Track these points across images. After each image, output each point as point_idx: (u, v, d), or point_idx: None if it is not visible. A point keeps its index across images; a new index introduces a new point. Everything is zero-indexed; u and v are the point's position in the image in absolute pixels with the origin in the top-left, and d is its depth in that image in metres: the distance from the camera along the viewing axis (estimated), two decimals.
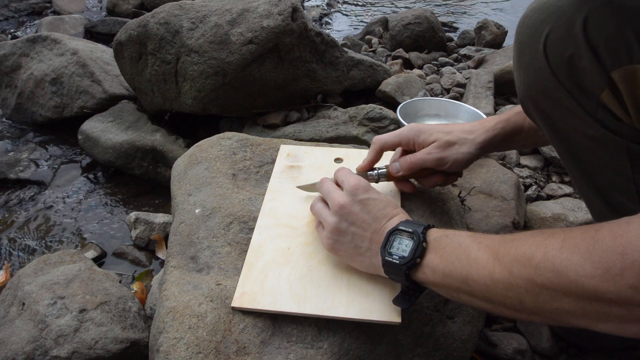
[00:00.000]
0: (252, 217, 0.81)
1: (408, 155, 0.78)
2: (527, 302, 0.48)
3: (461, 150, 0.76)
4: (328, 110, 1.49)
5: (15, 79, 1.86)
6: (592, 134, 0.59)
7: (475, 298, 0.54)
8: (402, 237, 0.61)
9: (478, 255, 0.53)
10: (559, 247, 0.46)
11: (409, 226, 0.61)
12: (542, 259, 0.46)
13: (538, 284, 0.46)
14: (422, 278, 0.59)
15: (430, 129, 0.78)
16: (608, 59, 0.53)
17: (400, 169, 0.77)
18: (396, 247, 0.61)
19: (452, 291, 0.57)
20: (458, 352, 0.73)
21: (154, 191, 1.50)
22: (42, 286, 0.92)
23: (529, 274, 0.47)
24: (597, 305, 0.43)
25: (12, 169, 1.58)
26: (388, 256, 0.60)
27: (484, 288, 0.52)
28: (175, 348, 0.64)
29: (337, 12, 3.11)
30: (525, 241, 0.50)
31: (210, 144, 0.97)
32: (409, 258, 0.58)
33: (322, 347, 0.65)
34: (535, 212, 1.18)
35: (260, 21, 1.34)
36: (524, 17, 0.61)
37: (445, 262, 0.56)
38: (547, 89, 0.60)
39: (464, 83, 1.81)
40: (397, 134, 0.79)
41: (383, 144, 0.79)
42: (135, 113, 1.63)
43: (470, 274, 0.53)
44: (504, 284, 0.50)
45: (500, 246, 0.52)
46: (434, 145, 0.76)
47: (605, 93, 0.55)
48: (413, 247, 0.59)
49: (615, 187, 0.63)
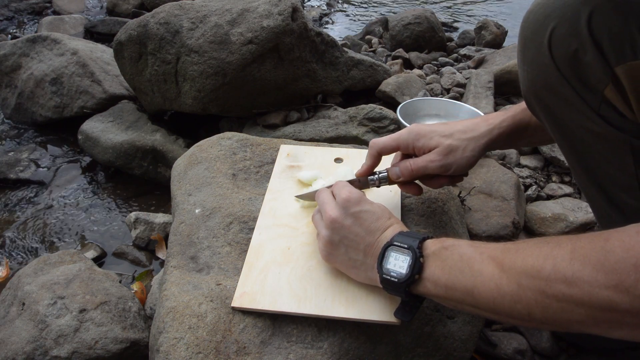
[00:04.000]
0: (252, 217, 0.81)
1: (408, 161, 0.75)
2: (536, 313, 0.48)
3: (465, 155, 0.73)
4: (328, 110, 1.49)
5: (15, 79, 1.86)
6: (596, 130, 0.59)
7: (480, 309, 0.54)
8: (397, 253, 0.60)
9: (482, 268, 0.52)
10: (569, 258, 0.45)
11: (404, 240, 0.60)
12: (552, 270, 0.46)
13: (549, 296, 0.46)
14: (423, 291, 0.58)
15: (429, 132, 0.74)
16: (612, 55, 0.53)
17: (401, 175, 0.75)
18: (392, 263, 0.59)
19: (456, 302, 0.56)
20: (458, 352, 0.73)
21: (154, 191, 1.50)
22: (42, 286, 0.92)
23: (538, 286, 0.47)
24: (610, 315, 0.43)
25: (12, 169, 1.58)
26: (385, 274, 0.59)
27: (490, 301, 0.51)
28: (175, 348, 0.64)
29: (337, 12, 3.11)
30: (531, 252, 0.49)
31: (210, 144, 0.97)
32: (408, 275, 0.57)
33: (322, 347, 0.65)
34: (535, 212, 1.18)
35: (260, 21, 1.34)
36: (529, 13, 0.61)
37: (447, 274, 0.55)
38: (551, 84, 0.60)
39: (464, 83, 1.81)
40: (395, 138, 0.76)
41: (381, 149, 0.76)
42: (135, 113, 1.63)
43: (476, 287, 0.52)
44: (511, 297, 0.49)
45: (504, 257, 0.51)
46: (435, 152, 0.73)
47: (609, 88, 0.55)
48: (410, 263, 0.58)
49: (617, 183, 0.63)
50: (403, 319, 0.62)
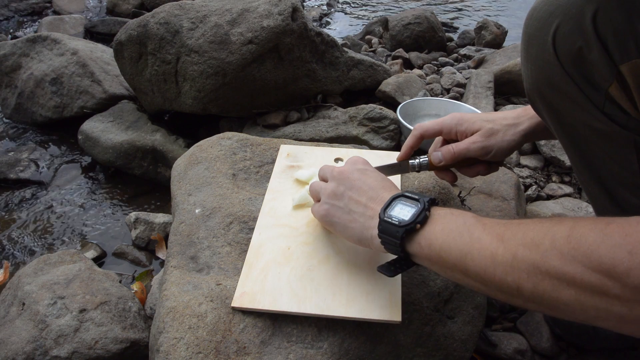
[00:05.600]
0: (252, 217, 0.81)
1: (450, 145, 0.76)
2: (525, 288, 0.47)
3: (505, 138, 0.75)
4: (328, 110, 1.49)
5: (15, 79, 1.86)
6: (599, 128, 0.59)
7: (470, 278, 0.52)
8: (405, 203, 0.59)
9: (482, 236, 0.51)
10: (567, 235, 0.45)
11: (415, 194, 0.59)
12: (549, 246, 0.45)
13: (542, 271, 0.45)
14: (417, 250, 0.57)
15: (472, 117, 0.77)
16: (617, 52, 0.53)
17: (443, 159, 0.76)
18: (397, 211, 0.58)
19: (446, 268, 0.55)
20: (458, 352, 0.73)
21: (154, 191, 1.50)
22: (42, 286, 0.92)
23: (533, 260, 0.46)
24: (599, 301, 0.43)
25: (12, 169, 1.58)
26: (387, 217, 0.58)
27: (481, 269, 0.50)
28: (175, 348, 0.64)
29: (337, 12, 3.11)
30: (533, 226, 0.49)
31: (210, 144, 0.97)
32: (409, 222, 0.56)
33: (322, 347, 0.65)
34: (535, 212, 1.18)
35: (260, 21, 1.34)
36: (533, 10, 0.61)
37: (445, 237, 0.54)
38: (555, 82, 0.59)
39: (464, 83, 1.81)
40: (439, 122, 0.78)
41: (424, 131, 0.78)
42: (135, 113, 1.63)
43: (471, 252, 0.51)
44: (504, 267, 0.48)
45: (506, 229, 0.50)
46: (478, 134, 0.75)
47: (614, 86, 0.55)
48: (416, 212, 0.57)
49: (620, 181, 0.63)
50: (385, 274, 0.61)
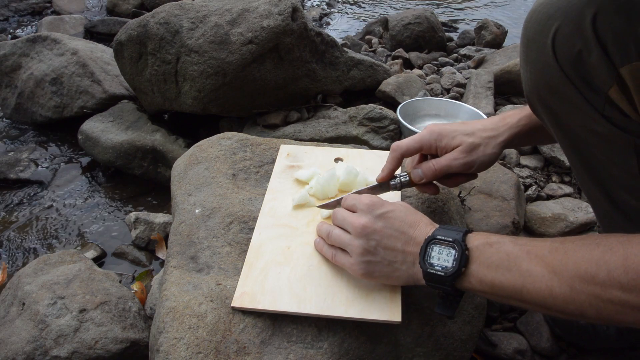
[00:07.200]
0: (252, 217, 0.81)
1: (431, 162, 0.75)
2: (590, 313, 0.50)
3: (487, 152, 0.74)
4: (328, 110, 1.49)
5: (15, 79, 1.86)
6: (599, 131, 0.59)
7: (529, 305, 0.55)
8: (440, 247, 0.59)
9: (530, 268, 0.53)
10: (622, 265, 0.47)
11: (448, 234, 0.60)
12: (606, 277, 0.48)
13: (604, 300, 0.48)
14: (468, 286, 0.58)
15: (451, 131, 0.75)
16: (617, 55, 0.53)
17: (424, 177, 0.75)
18: (436, 257, 0.59)
19: (501, 298, 0.57)
20: (458, 352, 0.73)
21: (154, 191, 1.50)
22: (42, 286, 0.92)
23: (593, 291, 0.49)
24: None
25: (12, 169, 1.58)
26: (430, 268, 0.59)
27: (540, 300, 0.53)
28: (175, 348, 0.64)
29: (337, 12, 3.11)
30: (582, 255, 0.50)
31: (210, 144, 0.97)
32: (455, 269, 0.57)
33: (322, 347, 0.65)
34: (535, 212, 1.18)
35: (260, 21, 1.34)
36: (532, 12, 0.60)
37: (494, 272, 0.56)
38: (554, 85, 0.59)
39: (464, 83, 1.81)
40: (417, 140, 0.76)
41: (404, 151, 0.76)
42: (135, 113, 1.63)
43: (525, 287, 0.53)
44: (564, 298, 0.51)
45: (553, 258, 0.52)
46: (458, 150, 0.74)
47: (614, 89, 0.55)
48: (457, 256, 0.58)
49: (620, 184, 0.63)
50: (446, 315, 0.62)
